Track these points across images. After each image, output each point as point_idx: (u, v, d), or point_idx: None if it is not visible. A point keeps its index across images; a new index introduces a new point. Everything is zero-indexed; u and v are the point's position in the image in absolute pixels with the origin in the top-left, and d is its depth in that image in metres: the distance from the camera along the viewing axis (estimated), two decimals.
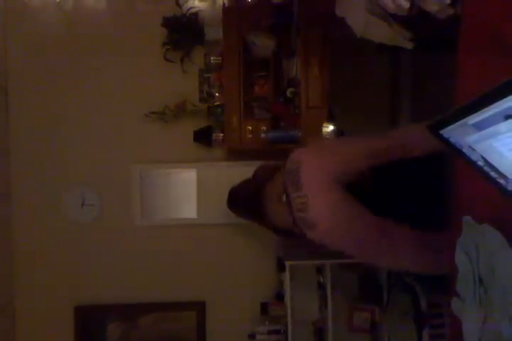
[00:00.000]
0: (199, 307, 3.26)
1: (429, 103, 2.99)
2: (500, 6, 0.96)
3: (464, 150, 0.81)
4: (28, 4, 3.23)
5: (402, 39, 2.05)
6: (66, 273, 3.26)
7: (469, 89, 1.06)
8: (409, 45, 2.07)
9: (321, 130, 2.89)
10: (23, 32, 3.26)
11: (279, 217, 1.51)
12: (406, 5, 1.79)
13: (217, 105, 3.17)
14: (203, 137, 3.21)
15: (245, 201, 1.59)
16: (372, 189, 1.36)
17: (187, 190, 3.28)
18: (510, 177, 0.78)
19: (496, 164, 0.78)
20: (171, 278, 3.27)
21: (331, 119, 2.90)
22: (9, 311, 3.22)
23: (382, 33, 2.03)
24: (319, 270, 3.16)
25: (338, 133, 2.84)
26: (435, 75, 3.10)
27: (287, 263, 3.00)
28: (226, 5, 3.11)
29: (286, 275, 3.00)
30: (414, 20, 1.96)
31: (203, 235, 3.29)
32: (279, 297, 3.16)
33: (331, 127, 2.89)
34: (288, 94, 2.99)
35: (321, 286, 3.12)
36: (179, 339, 3.27)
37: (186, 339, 3.27)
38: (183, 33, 3.21)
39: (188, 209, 3.29)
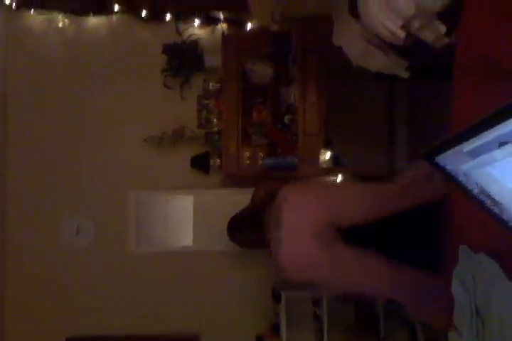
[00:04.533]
0: None
1: (425, 130, 2.99)
2: (489, 30, 0.96)
3: (460, 177, 0.79)
4: (31, 28, 3.28)
5: (398, 68, 2.06)
6: (58, 303, 3.19)
7: (463, 115, 1.05)
8: (405, 74, 2.09)
9: (318, 157, 2.89)
10: (24, 58, 3.29)
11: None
12: (402, 34, 1.80)
13: (215, 131, 3.17)
14: (200, 163, 3.20)
15: (244, 228, 1.57)
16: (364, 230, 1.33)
17: (183, 217, 3.25)
18: (505, 205, 0.76)
19: (491, 192, 0.76)
20: (165, 308, 3.20)
21: (328, 146, 2.90)
22: None
23: (378, 61, 2.05)
24: (316, 301, 3.09)
25: (335, 159, 2.84)
26: (431, 103, 3.12)
27: (283, 294, 2.94)
28: (225, 33, 3.15)
29: (282, 306, 2.94)
30: (411, 49, 1.97)
31: (198, 263, 3.24)
32: (275, 329, 3.08)
33: (328, 154, 2.89)
34: (286, 120, 3.00)
35: (317, 318, 3.05)
36: None
37: None
38: (182, 59, 3.25)
39: (184, 236, 3.25)
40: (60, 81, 3.29)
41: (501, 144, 0.64)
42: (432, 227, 1.23)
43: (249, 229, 1.56)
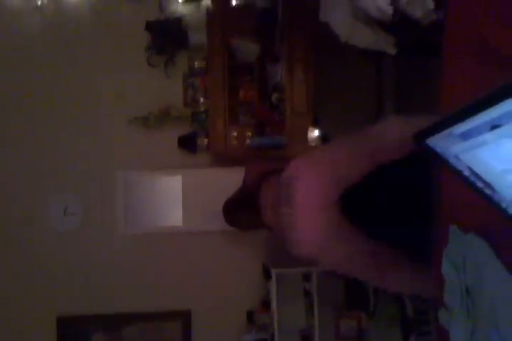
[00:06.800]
0: (184, 317, 3.21)
1: (413, 108, 2.99)
2: (483, 8, 0.95)
3: (450, 160, 0.79)
4: (8, 7, 3.18)
5: (386, 44, 2.04)
6: (48, 283, 3.19)
7: (454, 96, 1.04)
8: (392, 51, 2.07)
9: (306, 135, 2.88)
10: (1, 37, 3.20)
11: (272, 224, 1.48)
12: (389, 10, 1.78)
13: (202, 111, 3.14)
14: (187, 143, 3.18)
15: (242, 210, 1.57)
16: (364, 201, 1.33)
17: (172, 197, 3.24)
18: (496, 187, 0.76)
19: (482, 174, 0.76)
20: (156, 287, 3.22)
21: (316, 124, 2.89)
22: None
23: (366, 38, 2.03)
24: (306, 277, 3.13)
25: (323, 138, 2.83)
26: (419, 80, 3.11)
27: (273, 271, 2.97)
28: (210, 9, 3.09)
29: (273, 283, 2.97)
30: (398, 25, 1.95)
31: (188, 243, 3.25)
32: (266, 304, 3.13)
33: (316, 132, 2.88)
34: (273, 99, 2.98)
35: (308, 294, 3.10)
36: None
37: None
38: (166, 37, 3.18)
39: (174, 217, 3.25)
40: (39, 61, 3.21)
41: (493, 127, 0.64)
42: (422, 208, 1.24)
43: (245, 212, 1.56)
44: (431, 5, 1.74)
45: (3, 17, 3.20)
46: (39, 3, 3.17)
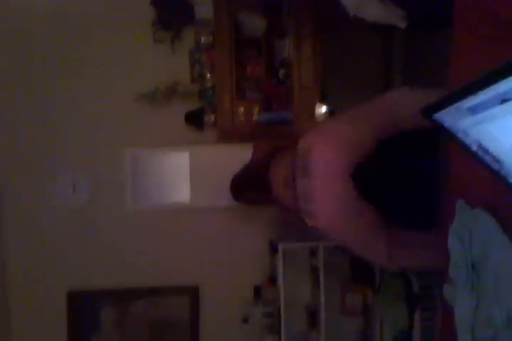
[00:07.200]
0: (192, 292, 3.26)
1: (423, 83, 2.95)
2: None
3: (458, 134, 0.79)
4: None
5: (395, 18, 2.00)
6: (57, 259, 3.23)
7: (464, 70, 1.03)
8: (402, 24, 2.03)
9: (314, 111, 2.86)
10: (5, 14, 3.17)
11: (285, 200, 1.49)
12: None
13: (209, 87, 3.12)
14: (194, 119, 3.17)
15: (250, 188, 1.57)
16: (374, 173, 1.33)
17: (180, 173, 3.25)
18: (504, 162, 0.75)
19: (490, 149, 0.76)
20: (164, 263, 3.26)
21: (323, 100, 2.87)
22: (1, 299, 3.21)
23: (375, 11, 1.98)
24: (312, 252, 3.16)
25: (331, 113, 2.81)
26: (428, 54, 3.06)
27: (280, 246, 3.00)
28: None
29: (279, 258, 3.00)
30: None
31: (196, 219, 3.27)
32: (273, 280, 3.17)
33: (324, 107, 2.86)
34: (280, 75, 2.95)
35: (314, 269, 3.13)
36: (172, 324, 3.28)
37: (180, 324, 3.28)
38: (172, 12, 3.13)
39: (181, 193, 3.26)
40: (44, 37, 3.17)
41: (503, 101, 0.63)
42: (431, 181, 1.24)
43: (252, 190, 1.56)
44: None
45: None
46: None
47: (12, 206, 3.23)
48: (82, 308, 3.24)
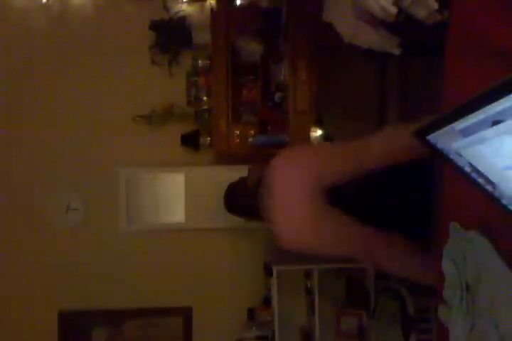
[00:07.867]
0: (186, 313, 3.23)
1: (416, 107, 2.99)
2: (489, 13, 0.96)
3: (451, 156, 0.80)
4: (14, 5, 3.20)
5: (390, 45, 2.05)
6: (50, 278, 3.20)
7: (456, 94, 1.05)
8: (396, 51, 2.08)
9: (309, 135, 2.89)
10: (6, 33, 3.22)
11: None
12: (393, 10, 1.78)
13: (205, 109, 3.15)
14: (190, 141, 3.19)
15: (243, 200, 1.59)
16: (356, 198, 1.35)
17: (175, 194, 3.26)
18: (497, 183, 0.77)
19: (483, 170, 0.77)
20: (158, 283, 3.24)
21: (319, 124, 2.90)
22: None
23: (370, 38, 2.03)
24: (307, 275, 3.14)
25: (327, 137, 2.84)
26: (423, 80, 3.11)
27: (275, 268, 2.98)
28: (214, 9, 3.10)
29: (274, 280, 2.98)
30: (402, 26, 1.96)
31: (191, 240, 3.26)
32: (267, 302, 3.14)
33: (319, 132, 2.89)
34: (276, 98, 2.99)
35: (309, 291, 3.11)
36: None
37: None
38: (170, 36, 3.19)
39: (176, 214, 3.26)
40: (45, 58, 3.23)
41: (494, 123, 0.65)
42: (423, 205, 1.25)
43: (245, 211, 1.57)
44: (435, 5, 1.75)
45: (10, 16, 3.22)
46: (44, 0, 3.19)
47: (4, 223, 3.21)
48: (74, 328, 3.19)
